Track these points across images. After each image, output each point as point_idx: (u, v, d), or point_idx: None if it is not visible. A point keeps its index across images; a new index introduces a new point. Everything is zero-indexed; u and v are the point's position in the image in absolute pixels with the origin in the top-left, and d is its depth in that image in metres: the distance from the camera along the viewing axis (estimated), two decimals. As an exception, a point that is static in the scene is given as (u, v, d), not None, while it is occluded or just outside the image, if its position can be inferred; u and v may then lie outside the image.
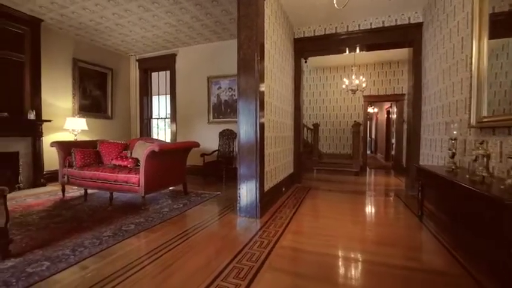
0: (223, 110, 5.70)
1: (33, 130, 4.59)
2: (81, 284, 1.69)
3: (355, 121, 7.18)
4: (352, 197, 4.17)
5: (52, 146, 3.98)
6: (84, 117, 5.47)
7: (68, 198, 3.85)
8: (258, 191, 2.98)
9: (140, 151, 3.63)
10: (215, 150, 5.52)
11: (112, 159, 3.94)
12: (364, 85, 6.38)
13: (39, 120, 4.62)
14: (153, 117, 6.81)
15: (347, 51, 5.01)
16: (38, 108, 4.64)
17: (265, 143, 3.21)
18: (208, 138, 5.81)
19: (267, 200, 3.24)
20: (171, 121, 6.32)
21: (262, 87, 3.10)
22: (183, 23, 4.75)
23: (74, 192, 4.18)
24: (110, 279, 1.74)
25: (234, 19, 4.48)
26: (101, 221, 2.85)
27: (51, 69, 4.95)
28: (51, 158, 4.77)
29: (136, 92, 6.64)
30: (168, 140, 6.42)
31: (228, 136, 5.54)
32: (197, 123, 5.98)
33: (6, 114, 4.21)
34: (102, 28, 4.95)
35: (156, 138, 6.58)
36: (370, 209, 3.57)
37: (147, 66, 6.53)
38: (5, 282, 1.70)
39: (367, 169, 7.25)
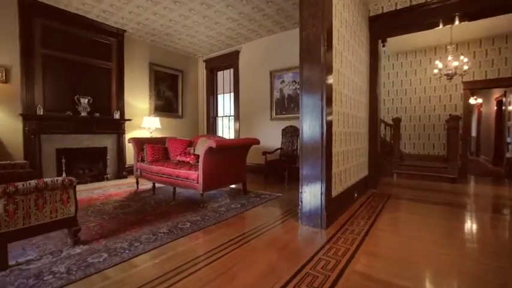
0: (287, 105, 5.33)
1: (118, 128, 5.21)
2: (127, 284, 1.60)
3: (450, 114, 5.73)
4: (448, 211, 3.20)
5: (129, 142, 4.38)
6: (158, 116, 5.97)
7: (140, 190, 4.16)
8: (323, 196, 2.50)
9: (201, 148, 3.61)
10: (278, 149, 5.20)
11: (177, 155, 4.06)
12: (466, 67, 4.99)
13: (122, 120, 5.22)
14: (219, 115, 6.98)
15: (440, 25, 3.92)
16: (121, 108, 5.25)
17: (333, 139, 2.69)
18: (271, 136, 5.54)
19: (334, 207, 2.71)
20: (234, 119, 6.33)
21: (330, 75, 2.59)
22: (244, 15, 4.59)
23: (146, 185, 4.52)
24: (158, 281, 1.61)
25: (297, 4, 4.04)
26: (161, 215, 2.88)
27: (132, 74, 5.55)
28: (131, 153, 5.32)
29: (203, 91, 6.93)
30: (232, 137, 6.45)
31: (291, 133, 5.14)
32: (259, 120, 5.79)
33: (98, 114, 4.88)
34: (172, 31, 5.25)
35: (220, 135, 6.71)
36: (474, 230, 2.62)
37: (213, 66, 6.72)
38: (68, 269, 1.75)
39: (467, 175, 5.69)
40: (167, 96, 6.29)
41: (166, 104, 6.27)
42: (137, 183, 4.33)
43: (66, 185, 1.97)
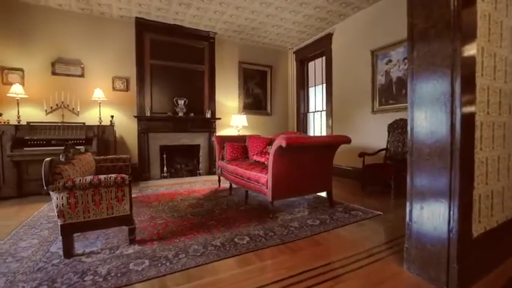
0: (395, 91, 4.02)
1: (209, 126, 5.46)
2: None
3: None
4: None
5: (213, 140, 4.43)
6: (247, 114, 5.92)
7: (221, 189, 4.09)
8: (454, 233, 1.45)
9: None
10: (381, 149, 4.01)
11: (254, 155, 3.74)
12: None
13: (212, 118, 5.44)
14: (310, 110, 6.27)
15: None
16: (213, 108, 5.49)
17: (475, 137, 1.56)
18: (372, 133, 4.37)
19: (477, 255, 1.56)
20: (326, 114, 5.47)
21: (470, 44, 1.48)
22: (334, -15, 3.73)
23: (227, 183, 4.45)
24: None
25: None
26: (224, 221, 2.58)
27: (222, 74, 5.71)
28: (220, 151, 5.48)
29: (293, 86, 6.40)
30: (324, 135, 5.61)
31: (401, 129, 3.84)
32: (357, 114, 4.70)
33: (192, 114, 5.25)
34: (257, 25, 5.00)
35: (304, 132, 5.99)
36: None
37: (303, 56, 6.07)
38: (108, 272, 1.65)
39: None
40: (256, 93, 6.16)
41: (254, 101, 6.15)
42: (219, 181, 4.31)
43: (119, 183, 1.92)
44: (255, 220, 2.61)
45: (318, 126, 6.08)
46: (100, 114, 4.38)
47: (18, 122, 3.83)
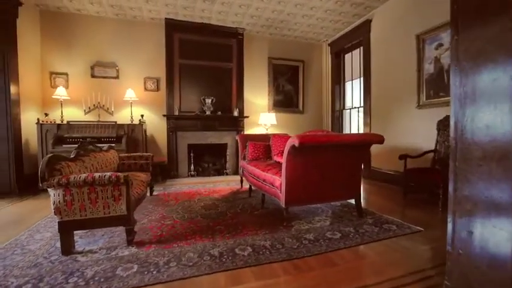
0: (447, 81, 3.31)
1: (237, 125, 5.32)
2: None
3: None
4: None
5: (237, 139, 4.26)
6: (277, 112, 5.64)
7: (242, 190, 3.89)
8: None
9: (293, 146, 2.77)
10: (428, 151, 3.35)
11: (275, 155, 3.45)
12: None
13: (241, 117, 5.29)
14: (346, 107, 5.68)
15: None
16: (241, 106, 5.33)
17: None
18: (418, 132, 3.70)
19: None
20: (364, 111, 4.86)
21: None
22: (370, -41, 3.22)
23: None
24: None
25: None
26: (233, 227, 2.36)
27: (251, 71, 5.52)
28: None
29: (327, 81, 5.88)
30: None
31: (456, 127, 3.12)
32: (399, 109, 4.03)
33: (219, 113, 5.18)
34: (285, 17, 4.68)
35: (340, 131, 5.43)
36: None
37: (339, 48, 5.52)
38: (93, 275, 1.57)
39: None
40: (286, 90, 5.82)
41: (285, 98, 5.82)
42: (241, 182, 4.12)
43: (114, 181, 1.84)
44: (266, 228, 2.33)
45: (354, 124, 5.47)
46: (131, 114, 4.58)
47: (62, 121, 4.19)
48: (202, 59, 5.08)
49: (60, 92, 4.21)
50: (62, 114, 4.29)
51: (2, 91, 3.69)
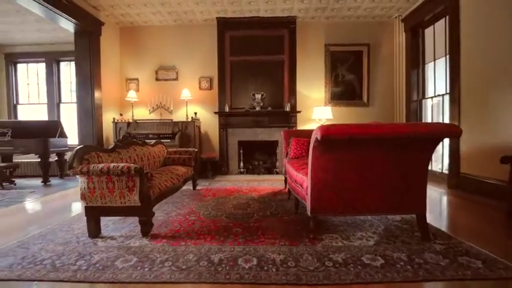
0: None
1: (288, 121, 4.98)
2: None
3: None
4: None
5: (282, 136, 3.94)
6: (336, 106, 5.02)
7: (284, 191, 3.56)
8: None
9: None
10: (555, 151, 2.23)
11: (318, 152, 2.98)
12: None
13: (292, 112, 4.92)
14: (427, 95, 4.53)
15: None
16: (293, 100, 4.97)
17: None
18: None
19: None
20: (450, 100, 3.73)
21: None
22: None
23: (297, 185, 3.84)
24: None
25: None
26: (250, 231, 2.10)
27: (304, 62, 5.07)
28: (299, 148, 4.88)
29: (401, 65, 4.83)
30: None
31: None
32: (502, 97, 2.87)
33: (270, 108, 4.96)
34: (342, -7, 4.06)
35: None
36: None
37: (416, 22, 4.43)
38: (98, 261, 1.60)
39: None
40: (347, 80, 5.10)
41: (346, 90, 5.10)
42: (285, 181, 3.77)
43: (125, 172, 1.87)
44: (287, 238, 1.97)
45: (438, 117, 4.28)
46: (186, 112, 4.87)
47: (131, 120, 4.81)
48: (252, 54, 4.97)
49: (131, 95, 4.84)
50: (132, 114, 4.93)
51: (88, 96, 4.50)
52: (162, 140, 4.40)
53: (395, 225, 2.21)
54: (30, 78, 5.78)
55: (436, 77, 4.26)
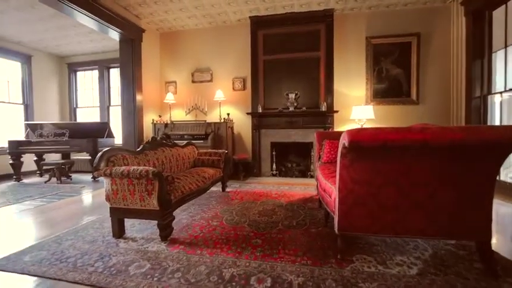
0: None
1: (324, 121, 4.64)
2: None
3: None
4: None
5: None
6: (378, 104, 4.53)
7: (316, 197, 3.29)
8: None
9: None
10: None
11: (354, 157, 2.66)
12: None
13: (329, 112, 4.58)
14: (494, 91, 3.77)
15: None
16: (330, 99, 4.63)
17: None
18: None
19: None
20: (529, 93, 3.01)
21: None
22: None
23: (331, 192, 3.52)
24: None
25: None
26: (271, 244, 1.94)
27: (343, 58, 4.67)
28: (336, 151, 4.52)
29: (460, 56, 4.11)
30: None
31: None
32: None
33: (304, 108, 4.69)
34: (387, -23, 3.59)
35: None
36: None
37: (480, 3, 3.69)
38: (115, 264, 1.61)
39: None
40: (392, 75, 4.54)
41: (390, 86, 4.56)
42: (317, 187, 3.49)
43: (144, 175, 1.86)
44: (312, 255, 1.75)
45: (510, 117, 3.52)
46: (220, 113, 4.89)
47: (168, 122, 5.02)
48: (285, 52, 4.76)
49: (169, 97, 5.05)
50: (170, 115, 5.14)
51: (131, 99, 4.81)
52: (196, 141, 4.52)
53: (447, 250, 1.81)
54: (86, 84, 6.46)
55: (509, 68, 3.50)
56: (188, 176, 2.66)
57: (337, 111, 4.56)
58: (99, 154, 2.02)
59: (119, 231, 2.07)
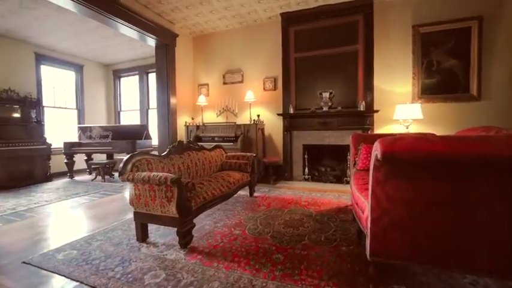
0: None
1: (362, 122, 4.23)
2: None
3: None
4: None
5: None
6: (428, 102, 3.98)
7: (350, 207, 2.98)
8: None
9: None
10: None
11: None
12: None
13: (368, 112, 4.16)
14: None
15: None
16: (369, 98, 4.21)
17: None
18: None
19: None
20: None
21: None
22: None
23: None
24: None
25: None
26: (293, 262, 1.75)
27: (384, 51, 4.19)
28: (376, 155, 4.09)
29: (538, 40, 3.36)
30: None
31: None
32: None
33: (340, 108, 4.35)
34: (439, -46, 3.09)
35: None
36: None
37: None
38: (133, 270, 1.61)
39: None
40: (445, 68, 3.93)
41: (443, 80, 3.95)
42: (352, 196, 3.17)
43: (163, 182, 1.83)
44: (339, 281, 1.53)
45: None
46: (250, 114, 4.80)
47: (202, 124, 5.09)
48: (319, 48, 4.46)
49: (201, 100, 5.12)
50: (202, 117, 5.22)
51: (165, 103, 4.99)
52: (225, 143, 4.50)
53: (519, 288, 1.43)
54: (129, 88, 6.94)
55: None
56: (212, 181, 2.60)
57: (377, 111, 4.12)
58: (125, 159, 2.06)
59: (142, 235, 2.09)
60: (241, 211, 2.89)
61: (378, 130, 4.26)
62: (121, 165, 2.03)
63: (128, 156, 2.09)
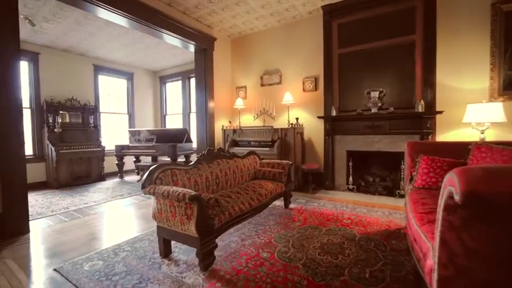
0: None
1: (421, 126, 3.56)
2: None
3: None
4: None
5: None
6: (510, 100, 3.16)
7: (405, 230, 2.47)
8: None
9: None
10: None
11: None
12: None
13: (428, 113, 3.49)
14: None
15: None
16: (429, 96, 3.54)
17: None
18: None
19: None
20: None
21: None
22: None
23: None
24: None
25: None
26: (327, 304, 1.43)
27: (449, 39, 3.47)
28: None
29: None
30: None
31: None
32: None
33: (391, 109, 3.75)
34: None
35: None
36: None
37: None
38: (146, 300, 1.50)
39: None
40: (541, 56, 3.04)
41: (537, 73, 3.07)
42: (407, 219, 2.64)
43: (181, 199, 1.69)
44: None
45: None
46: (288, 117, 4.50)
47: (238, 127, 4.98)
48: (366, 41, 3.91)
49: (238, 103, 5.01)
50: (239, 121, 5.11)
51: (203, 106, 5.01)
52: (262, 148, 4.30)
53: None
54: (173, 93, 7.25)
55: None
56: (241, 193, 2.41)
57: (440, 112, 3.42)
58: (149, 170, 1.99)
59: (165, 251, 1.99)
60: (273, 226, 2.63)
61: (442, 136, 3.56)
62: (144, 176, 1.96)
63: (153, 167, 2.02)
